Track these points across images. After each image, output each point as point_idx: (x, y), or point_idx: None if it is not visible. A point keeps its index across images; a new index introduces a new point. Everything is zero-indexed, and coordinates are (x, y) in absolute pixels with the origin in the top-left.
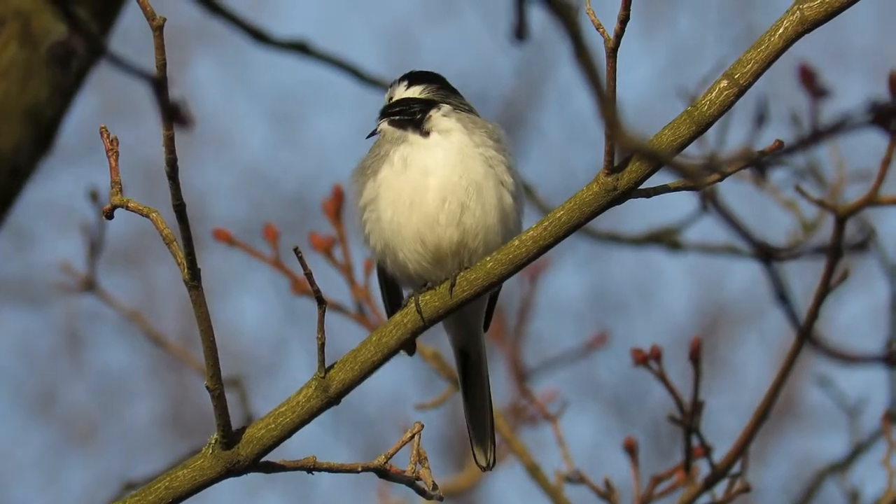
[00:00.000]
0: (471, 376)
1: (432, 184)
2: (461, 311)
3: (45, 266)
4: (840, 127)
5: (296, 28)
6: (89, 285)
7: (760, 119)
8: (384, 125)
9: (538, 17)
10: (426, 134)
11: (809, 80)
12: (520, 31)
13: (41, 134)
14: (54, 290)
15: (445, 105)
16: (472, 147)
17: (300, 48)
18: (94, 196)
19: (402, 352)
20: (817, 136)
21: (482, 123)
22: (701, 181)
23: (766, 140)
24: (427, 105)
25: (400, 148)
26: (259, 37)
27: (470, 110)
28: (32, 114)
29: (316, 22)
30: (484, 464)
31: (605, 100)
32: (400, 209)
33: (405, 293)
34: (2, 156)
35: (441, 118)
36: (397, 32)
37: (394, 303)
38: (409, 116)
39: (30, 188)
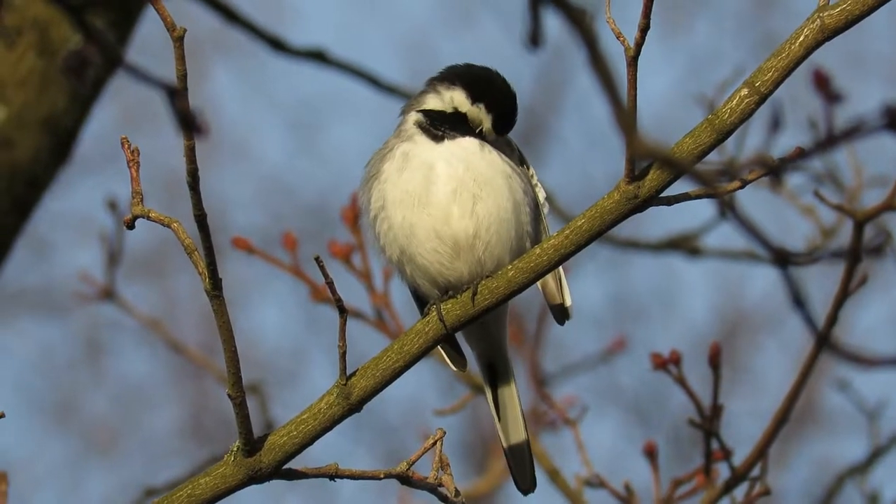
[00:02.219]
0: (501, 390)
1: (440, 176)
2: (484, 324)
3: (64, 275)
4: (854, 132)
5: (313, 36)
6: (109, 294)
7: (776, 124)
8: (414, 115)
9: (555, 24)
10: (440, 140)
11: (824, 85)
12: (534, 38)
13: (59, 143)
14: (74, 299)
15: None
16: (478, 147)
17: (318, 56)
18: (112, 205)
19: (455, 368)
20: (832, 140)
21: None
22: (722, 189)
23: (782, 145)
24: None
25: (403, 144)
26: (277, 45)
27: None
28: (50, 123)
29: (334, 30)
30: (526, 486)
31: (622, 108)
32: (410, 208)
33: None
34: (20, 166)
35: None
36: (415, 40)
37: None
38: (440, 131)
39: (48, 198)
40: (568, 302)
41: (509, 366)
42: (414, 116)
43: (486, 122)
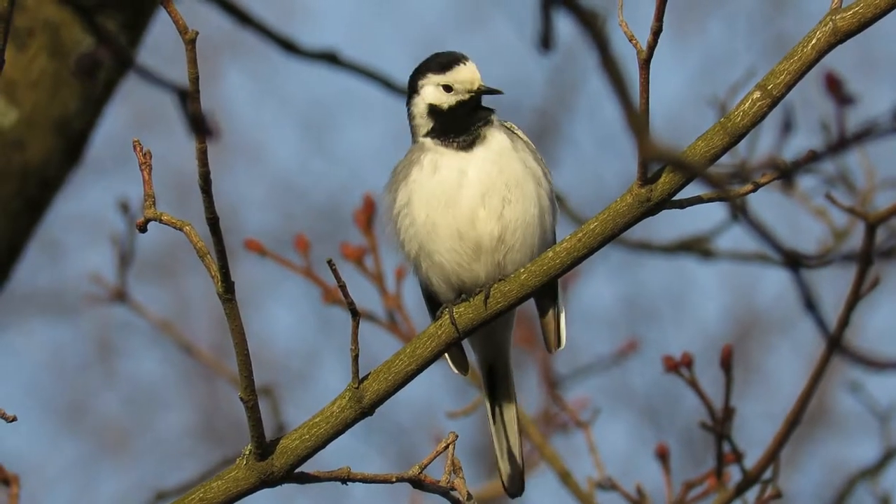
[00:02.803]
0: (499, 393)
1: (471, 180)
2: (490, 327)
3: (76, 277)
4: (866, 134)
5: (325, 38)
6: (120, 296)
7: (788, 127)
8: (428, 142)
9: (567, 26)
10: (469, 147)
11: (836, 87)
12: (546, 41)
13: (71, 145)
14: (85, 300)
15: (493, 116)
16: (513, 151)
17: (330, 58)
18: (124, 207)
19: (456, 371)
20: (844, 143)
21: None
22: (734, 192)
23: (794, 148)
24: (485, 115)
25: (429, 154)
26: (289, 47)
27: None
28: (62, 125)
29: (345, 31)
30: (514, 490)
31: (634, 111)
32: (435, 208)
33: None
34: (32, 167)
35: (490, 130)
36: (427, 41)
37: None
38: (465, 134)
39: (60, 200)
40: (562, 344)
41: (509, 369)
42: (426, 142)
43: (469, 75)
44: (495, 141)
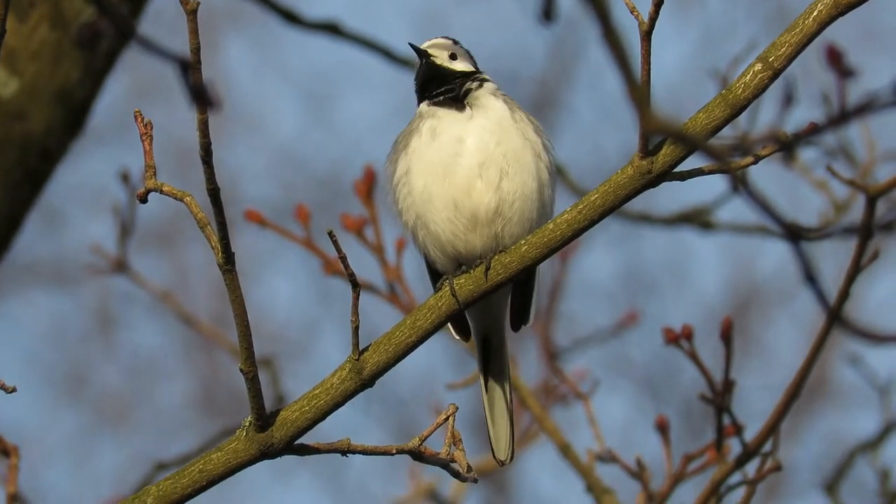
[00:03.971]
0: (492, 364)
1: (469, 149)
2: (488, 299)
3: (76, 248)
4: (867, 107)
5: (327, 8)
6: (121, 266)
7: (789, 99)
8: (423, 107)
9: None
10: (461, 108)
11: (836, 60)
12: (548, 12)
13: (72, 116)
14: (86, 271)
15: (490, 83)
16: (512, 122)
17: (331, 29)
18: (125, 177)
19: (457, 337)
20: (845, 116)
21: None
22: (735, 164)
23: (795, 120)
24: (466, 78)
25: (428, 121)
26: (290, 18)
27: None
28: (63, 96)
29: (347, 2)
30: (503, 458)
31: (635, 83)
32: (432, 177)
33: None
34: (33, 138)
35: (485, 95)
36: (428, 12)
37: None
38: (451, 94)
39: (61, 170)
40: (529, 321)
41: (504, 341)
42: (422, 106)
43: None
44: (493, 110)
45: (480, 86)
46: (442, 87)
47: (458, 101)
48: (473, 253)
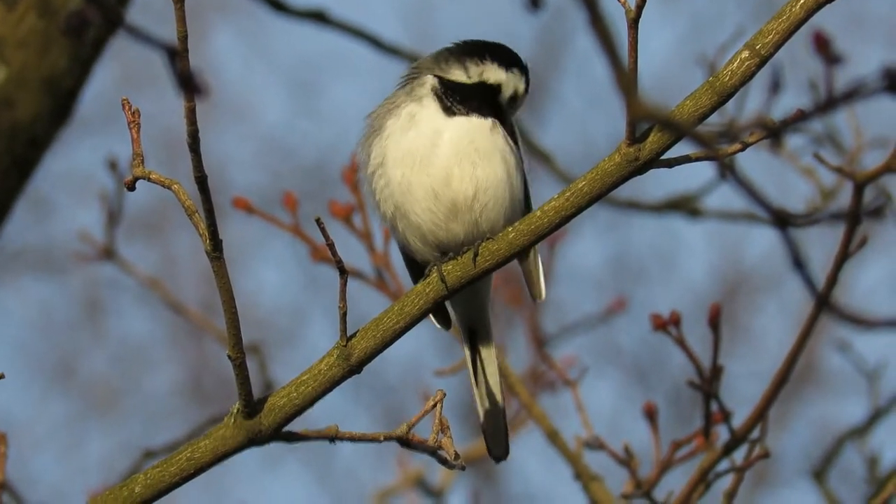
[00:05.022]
0: (481, 355)
1: (446, 140)
2: (473, 288)
3: (64, 235)
4: (854, 93)
5: None
6: (108, 254)
7: (776, 86)
8: (429, 79)
9: None
10: (451, 114)
11: (824, 47)
12: (535, 0)
13: (60, 104)
14: (74, 258)
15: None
16: (487, 132)
17: (318, 17)
18: (113, 165)
19: (439, 326)
20: (832, 102)
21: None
22: (722, 151)
23: (782, 107)
24: (483, 107)
25: (411, 105)
26: (277, 6)
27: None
28: (51, 84)
29: None
30: (499, 454)
31: (622, 70)
32: (410, 168)
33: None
34: (21, 126)
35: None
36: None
37: (416, 275)
38: (451, 103)
39: (49, 158)
40: (542, 296)
41: (490, 331)
42: (431, 81)
43: (521, 84)
44: (475, 116)
45: (486, 119)
46: (464, 94)
47: (454, 110)
48: (457, 240)
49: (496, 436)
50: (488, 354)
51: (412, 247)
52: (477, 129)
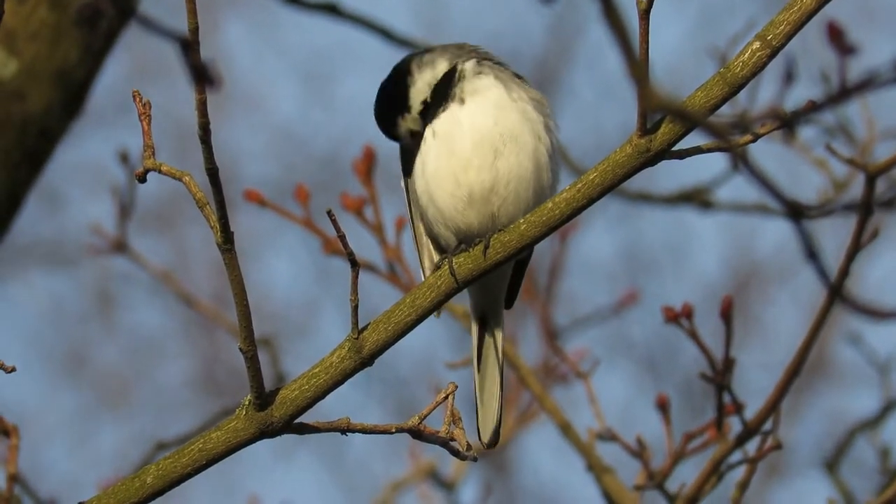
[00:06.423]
0: (487, 343)
1: (466, 127)
2: (486, 277)
3: (76, 228)
4: (867, 84)
5: None
6: (120, 246)
7: (789, 77)
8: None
9: None
10: (461, 102)
11: (837, 37)
12: None
13: (71, 96)
14: (85, 251)
15: (470, 62)
16: (509, 101)
17: (330, 9)
18: (124, 158)
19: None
20: (844, 93)
21: (522, 84)
22: (734, 142)
23: (794, 98)
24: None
25: (431, 125)
26: None
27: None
28: (63, 76)
29: None
30: (487, 440)
31: (634, 61)
32: (439, 156)
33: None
34: (32, 118)
35: (473, 79)
36: None
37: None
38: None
39: (60, 150)
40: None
41: (500, 320)
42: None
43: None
44: (490, 92)
45: (461, 74)
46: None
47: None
48: (471, 230)
49: (488, 422)
50: (494, 342)
51: (437, 232)
52: (498, 106)
